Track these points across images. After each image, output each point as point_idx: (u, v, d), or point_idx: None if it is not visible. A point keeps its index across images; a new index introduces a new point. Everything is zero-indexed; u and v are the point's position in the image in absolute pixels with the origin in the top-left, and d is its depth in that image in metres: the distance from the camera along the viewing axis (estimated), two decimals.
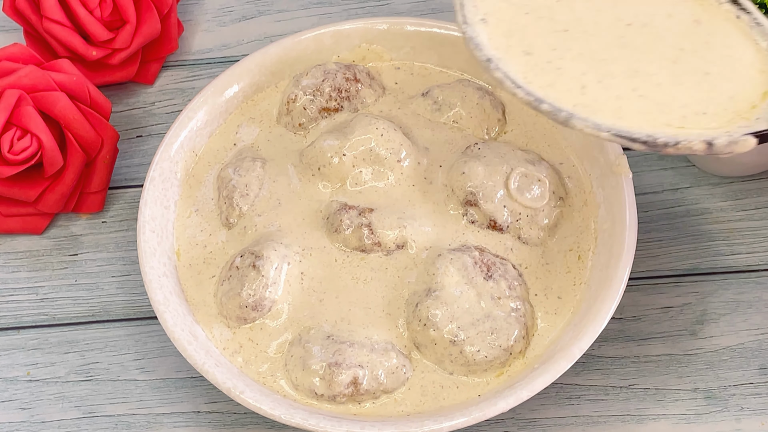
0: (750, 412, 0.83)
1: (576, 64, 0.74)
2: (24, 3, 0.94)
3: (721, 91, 0.74)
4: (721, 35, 0.75)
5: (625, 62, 0.73)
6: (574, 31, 0.74)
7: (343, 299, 0.81)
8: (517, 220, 0.83)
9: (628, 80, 0.73)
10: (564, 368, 0.77)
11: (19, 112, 0.87)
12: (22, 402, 0.85)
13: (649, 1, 0.76)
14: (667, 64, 0.73)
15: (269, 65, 0.90)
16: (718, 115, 0.72)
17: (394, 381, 0.79)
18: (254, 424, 0.83)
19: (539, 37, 0.75)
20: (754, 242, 0.89)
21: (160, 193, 0.85)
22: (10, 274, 0.90)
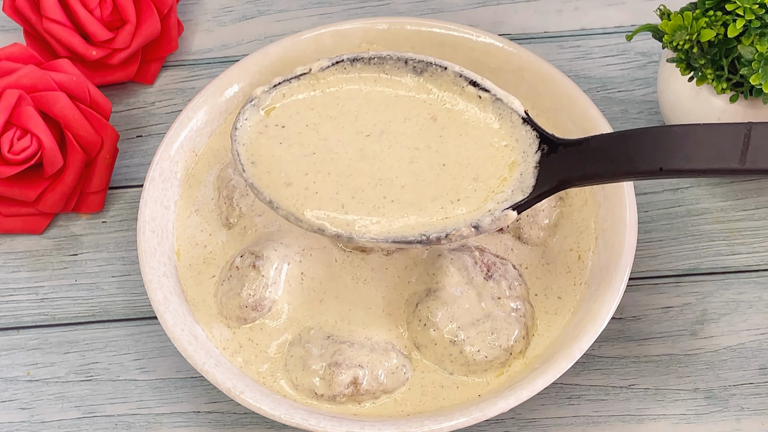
0: (750, 412, 0.83)
1: (328, 186, 0.77)
2: (24, 3, 0.94)
3: (462, 176, 0.77)
4: (457, 125, 0.79)
5: (369, 173, 0.76)
6: (321, 152, 0.77)
7: (343, 299, 0.81)
8: (517, 219, 0.83)
9: (376, 189, 0.76)
10: (564, 368, 0.77)
11: (19, 112, 0.87)
12: (22, 402, 0.85)
13: (388, 108, 0.79)
14: (405, 165, 0.77)
15: (269, 65, 0.90)
16: (471, 198, 0.76)
17: (394, 381, 0.79)
18: (254, 424, 0.83)
19: (293, 165, 0.78)
20: (754, 242, 0.89)
21: (160, 193, 0.85)
22: (10, 274, 0.90)
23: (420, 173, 0.77)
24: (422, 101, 0.79)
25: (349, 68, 0.79)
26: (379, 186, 0.76)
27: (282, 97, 0.79)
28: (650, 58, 0.97)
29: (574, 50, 0.97)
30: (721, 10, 0.82)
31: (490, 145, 0.78)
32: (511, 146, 0.77)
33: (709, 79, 0.82)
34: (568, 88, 0.87)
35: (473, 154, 0.78)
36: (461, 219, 0.76)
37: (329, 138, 0.78)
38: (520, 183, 0.76)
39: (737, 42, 0.81)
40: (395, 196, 0.76)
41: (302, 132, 0.79)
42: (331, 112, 0.79)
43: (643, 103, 0.95)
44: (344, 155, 0.78)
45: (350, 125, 0.79)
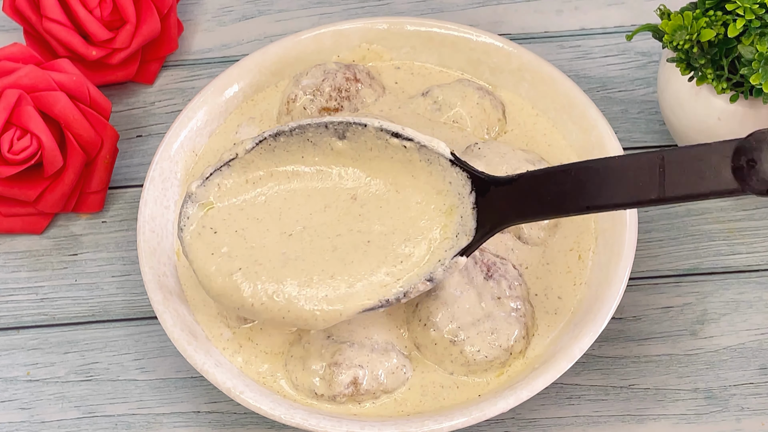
0: (750, 412, 0.83)
1: (271, 284, 0.77)
2: (24, 3, 0.94)
3: (391, 243, 0.78)
4: (375, 195, 0.79)
5: (296, 276, 0.77)
6: (248, 264, 0.77)
7: None
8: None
9: (310, 289, 0.77)
10: (564, 368, 0.77)
11: (19, 111, 0.87)
12: (22, 402, 0.85)
13: (310, 200, 0.79)
14: (328, 256, 0.77)
15: (269, 65, 0.90)
16: (414, 256, 0.77)
17: (394, 381, 0.79)
18: (254, 424, 0.83)
19: (226, 280, 0.78)
20: (755, 242, 0.89)
21: (160, 193, 0.85)
22: (10, 274, 0.90)
23: (346, 257, 0.77)
24: (343, 183, 0.79)
25: (274, 143, 0.78)
26: (311, 285, 0.77)
27: (217, 188, 0.79)
28: (650, 58, 0.97)
29: (574, 50, 0.97)
30: (721, 10, 0.82)
31: (416, 203, 0.78)
32: (444, 191, 0.77)
33: (709, 79, 0.82)
34: (568, 88, 0.87)
35: (397, 220, 0.78)
36: (414, 276, 0.77)
37: (255, 245, 0.78)
38: (462, 227, 0.77)
39: (737, 42, 0.81)
40: (330, 290, 0.76)
41: (231, 240, 0.78)
42: (257, 213, 0.79)
43: (643, 103, 0.95)
44: (269, 264, 0.77)
45: (274, 226, 0.78)
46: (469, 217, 0.77)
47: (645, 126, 0.94)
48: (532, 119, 0.89)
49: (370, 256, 0.77)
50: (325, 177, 0.79)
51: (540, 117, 0.89)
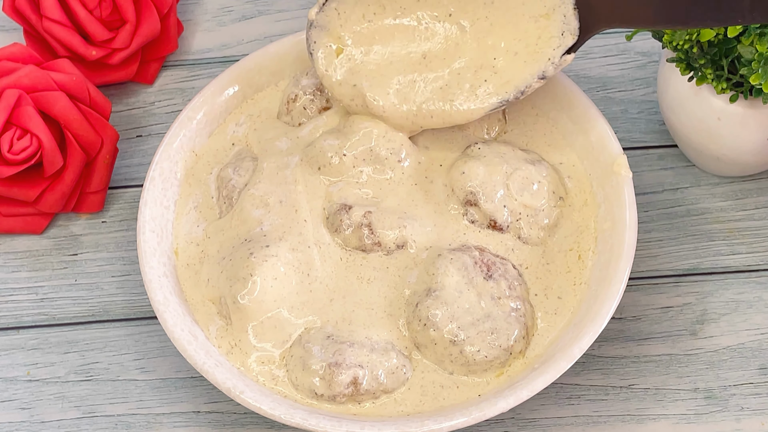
0: (750, 412, 0.83)
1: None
2: (24, 3, 0.94)
3: (499, 47, 0.83)
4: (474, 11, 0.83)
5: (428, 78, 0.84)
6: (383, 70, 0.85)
7: (348, 299, 0.81)
8: (517, 219, 0.83)
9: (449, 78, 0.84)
10: (564, 368, 0.77)
11: (19, 112, 0.87)
12: (22, 402, 0.85)
13: (416, 30, 0.85)
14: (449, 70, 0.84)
15: (269, 65, 0.90)
16: (520, 55, 0.82)
17: (394, 381, 0.79)
18: (254, 424, 0.83)
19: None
20: (754, 242, 0.89)
21: (160, 193, 0.85)
22: (10, 274, 0.90)
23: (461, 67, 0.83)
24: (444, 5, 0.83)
25: None
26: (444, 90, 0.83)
27: (336, 14, 0.84)
28: (650, 58, 0.97)
29: None
30: None
31: (516, 7, 0.82)
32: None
33: (709, 79, 0.82)
34: (568, 88, 0.87)
35: (498, 28, 0.82)
36: (529, 75, 0.82)
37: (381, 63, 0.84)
38: (566, 25, 0.80)
39: (737, 42, 0.81)
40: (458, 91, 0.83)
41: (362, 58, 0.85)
42: (378, 40, 0.84)
43: (643, 103, 0.95)
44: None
45: (394, 51, 0.84)
46: (571, 17, 0.80)
47: (645, 126, 0.94)
48: (531, 119, 0.89)
49: (505, 34, 0.82)
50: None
51: (540, 117, 0.89)
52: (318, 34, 0.84)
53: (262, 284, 0.80)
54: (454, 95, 0.83)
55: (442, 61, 0.83)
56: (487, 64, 0.82)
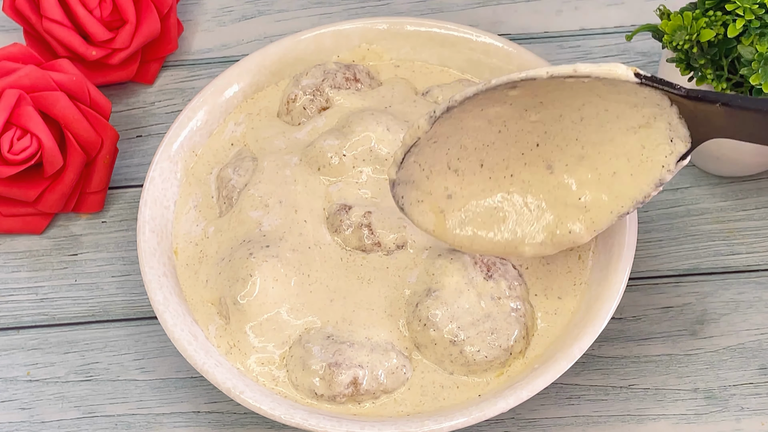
0: (750, 412, 0.83)
1: None
2: (24, 3, 0.94)
3: (601, 164, 0.79)
4: (563, 126, 0.79)
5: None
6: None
7: (348, 300, 0.81)
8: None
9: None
10: (564, 368, 0.77)
11: (19, 112, 0.87)
12: (22, 402, 0.85)
13: (503, 145, 0.79)
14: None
15: (269, 65, 0.90)
16: (632, 161, 0.78)
17: (394, 381, 0.79)
18: (254, 424, 0.83)
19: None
20: (754, 242, 0.89)
21: (160, 193, 0.85)
22: (10, 274, 0.90)
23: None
24: (529, 120, 0.79)
25: (447, 115, 0.77)
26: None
27: (418, 165, 0.79)
28: (650, 58, 0.97)
29: (574, 50, 0.97)
30: (721, 10, 0.82)
31: (609, 122, 0.77)
32: (640, 104, 0.75)
33: (709, 79, 0.82)
34: None
35: (593, 144, 0.78)
36: (642, 186, 0.77)
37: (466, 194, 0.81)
38: (673, 132, 0.75)
39: (737, 42, 0.81)
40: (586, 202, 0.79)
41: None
42: (461, 165, 0.80)
43: None
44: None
45: (480, 174, 0.80)
46: (678, 125, 0.75)
47: None
48: None
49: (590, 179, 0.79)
50: (511, 115, 0.78)
51: None
52: (405, 190, 0.80)
53: (261, 285, 0.80)
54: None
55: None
56: (570, 203, 0.79)
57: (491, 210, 0.80)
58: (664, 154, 0.76)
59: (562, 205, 0.79)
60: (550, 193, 0.79)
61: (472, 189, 0.80)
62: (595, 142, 0.77)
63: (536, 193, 0.80)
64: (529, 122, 0.77)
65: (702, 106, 0.73)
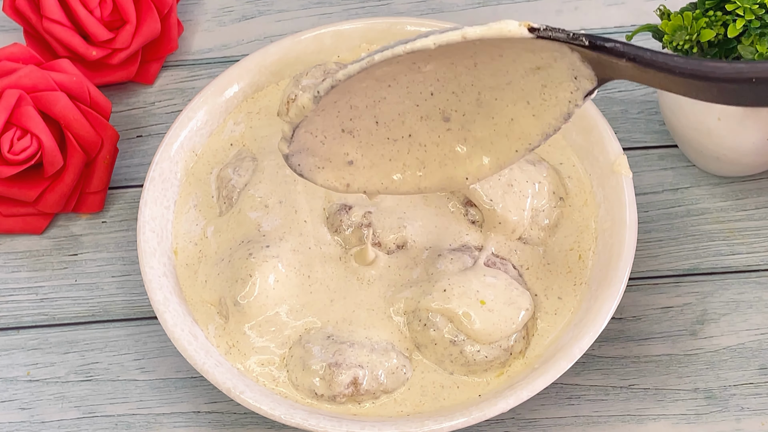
0: (750, 412, 0.83)
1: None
2: (24, 3, 0.94)
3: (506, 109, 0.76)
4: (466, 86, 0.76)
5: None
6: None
7: (348, 300, 0.81)
8: None
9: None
10: (564, 368, 0.77)
11: (19, 112, 0.87)
12: (22, 402, 0.85)
13: (405, 105, 0.77)
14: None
15: (269, 65, 0.90)
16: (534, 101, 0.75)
17: (394, 381, 0.79)
18: (254, 424, 0.83)
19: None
20: (754, 242, 0.89)
21: (160, 193, 0.85)
22: (10, 274, 0.90)
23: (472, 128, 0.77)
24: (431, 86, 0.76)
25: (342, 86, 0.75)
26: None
27: (310, 135, 0.77)
28: None
29: None
30: (721, 10, 0.82)
31: (510, 67, 0.75)
32: (539, 48, 0.72)
33: None
34: None
35: (497, 90, 0.75)
36: (552, 121, 0.75)
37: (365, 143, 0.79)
38: (577, 71, 0.72)
39: (737, 42, 0.81)
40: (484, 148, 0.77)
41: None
42: (358, 123, 0.78)
43: (643, 103, 0.95)
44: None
45: (377, 132, 0.78)
46: (581, 66, 0.72)
47: (645, 126, 0.94)
48: None
49: (498, 123, 0.76)
50: (399, 71, 0.75)
51: None
52: (301, 158, 0.78)
53: (261, 285, 0.80)
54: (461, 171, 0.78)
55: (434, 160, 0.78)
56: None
57: (392, 172, 0.78)
58: (569, 90, 0.74)
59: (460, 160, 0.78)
60: (447, 157, 0.77)
61: (372, 156, 0.77)
62: (492, 86, 0.75)
63: (432, 159, 0.77)
64: (420, 73, 0.74)
65: (607, 56, 0.71)
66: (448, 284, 0.79)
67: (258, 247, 0.81)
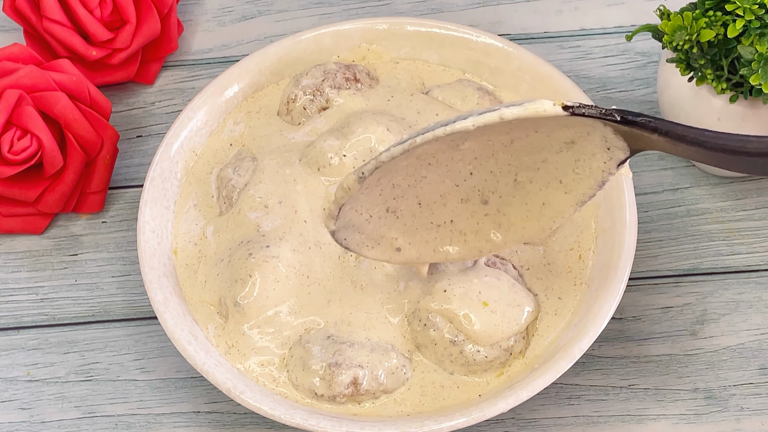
0: (750, 412, 0.83)
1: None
2: (24, 3, 0.94)
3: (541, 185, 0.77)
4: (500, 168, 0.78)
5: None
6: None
7: (345, 300, 0.81)
8: None
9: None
10: (564, 368, 0.77)
11: (19, 112, 0.87)
12: (22, 402, 0.85)
13: (443, 186, 0.78)
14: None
15: (269, 65, 0.90)
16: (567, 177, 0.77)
17: (394, 381, 0.79)
18: (254, 424, 0.83)
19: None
20: (754, 242, 0.89)
21: (160, 193, 0.85)
22: (10, 274, 0.90)
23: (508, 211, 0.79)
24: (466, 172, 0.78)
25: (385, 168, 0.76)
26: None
27: (355, 212, 0.78)
28: (650, 58, 0.97)
29: (574, 50, 0.97)
30: (721, 10, 0.82)
31: (543, 143, 0.76)
32: (571, 125, 0.73)
33: (708, 79, 0.82)
34: (567, 88, 0.87)
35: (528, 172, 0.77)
36: (587, 191, 0.76)
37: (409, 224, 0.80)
38: (610, 143, 0.73)
39: (737, 42, 0.81)
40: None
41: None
42: (399, 206, 0.79)
43: (643, 103, 0.95)
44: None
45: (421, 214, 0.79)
46: (614, 138, 0.73)
47: None
48: None
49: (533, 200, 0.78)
50: (438, 148, 0.76)
51: None
52: (347, 233, 0.78)
53: (261, 285, 0.80)
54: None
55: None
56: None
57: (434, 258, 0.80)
58: (602, 160, 0.75)
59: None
60: (483, 244, 0.79)
61: (418, 243, 0.79)
62: (528, 165, 0.76)
63: (470, 248, 0.79)
64: (458, 150, 0.76)
65: (639, 130, 0.72)
66: (449, 284, 0.79)
67: (258, 247, 0.81)
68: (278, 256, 0.81)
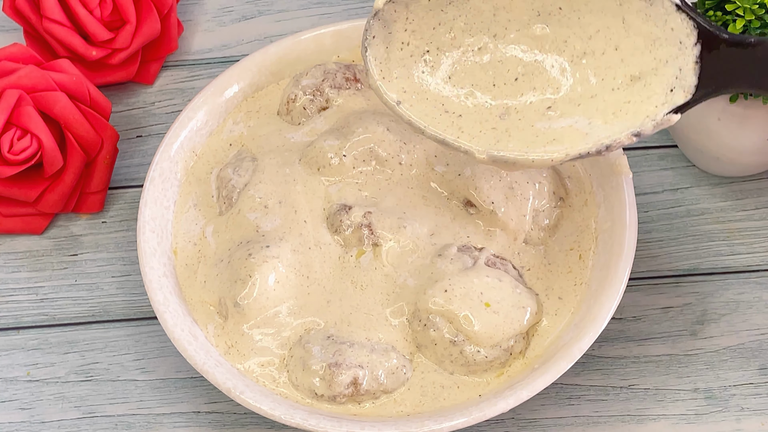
0: (750, 412, 0.83)
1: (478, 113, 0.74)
2: (24, 3, 0.94)
3: (597, 94, 0.73)
4: (579, 47, 0.74)
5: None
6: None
7: (345, 301, 0.81)
8: None
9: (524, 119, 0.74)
10: (564, 368, 0.77)
11: (19, 112, 0.87)
12: (22, 402, 0.85)
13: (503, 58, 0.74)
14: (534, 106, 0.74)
15: (269, 65, 0.90)
16: (618, 108, 0.72)
17: (394, 381, 0.79)
18: (254, 424, 0.83)
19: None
20: (754, 242, 0.89)
21: (160, 193, 0.85)
22: (10, 274, 0.90)
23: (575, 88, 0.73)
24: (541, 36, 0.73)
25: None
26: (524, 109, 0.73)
27: (405, 19, 0.72)
28: None
29: None
30: (721, 10, 0.82)
31: (625, 52, 0.71)
32: (662, 38, 0.69)
33: None
34: None
35: (600, 72, 0.72)
36: (618, 130, 0.71)
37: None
38: (679, 81, 0.69)
39: None
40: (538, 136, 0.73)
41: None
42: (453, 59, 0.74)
43: None
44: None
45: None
46: (689, 72, 0.69)
47: None
48: None
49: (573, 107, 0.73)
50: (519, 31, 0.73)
51: None
52: (379, 29, 0.74)
53: (261, 285, 0.80)
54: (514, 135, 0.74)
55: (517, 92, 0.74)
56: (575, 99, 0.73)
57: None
58: (655, 103, 0.71)
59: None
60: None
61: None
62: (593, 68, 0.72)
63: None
64: (531, 37, 0.72)
65: (731, 50, 0.67)
66: (449, 284, 0.79)
67: (258, 247, 0.81)
68: (278, 256, 0.81)
